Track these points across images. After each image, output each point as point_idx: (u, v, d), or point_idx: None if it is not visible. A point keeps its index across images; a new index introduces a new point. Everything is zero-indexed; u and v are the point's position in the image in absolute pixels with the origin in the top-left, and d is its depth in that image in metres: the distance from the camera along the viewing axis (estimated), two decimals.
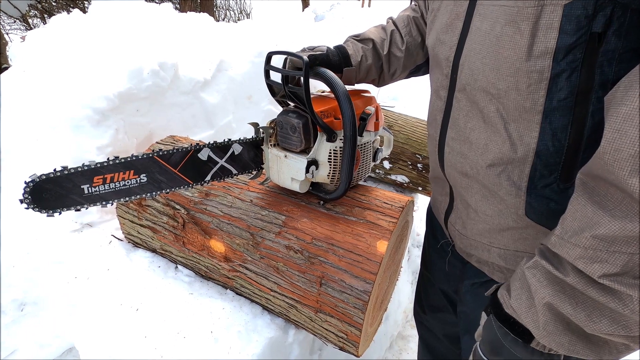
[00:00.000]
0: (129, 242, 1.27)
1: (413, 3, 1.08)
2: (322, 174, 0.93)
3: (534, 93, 0.61)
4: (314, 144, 0.91)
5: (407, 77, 1.10)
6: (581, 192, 0.51)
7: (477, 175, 0.73)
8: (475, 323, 0.89)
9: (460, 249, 0.91)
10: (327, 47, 0.97)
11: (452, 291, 1.08)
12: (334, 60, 0.95)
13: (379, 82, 1.07)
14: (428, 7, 0.97)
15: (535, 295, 0.55)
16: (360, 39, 1.01)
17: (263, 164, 0.99)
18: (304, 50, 0.96)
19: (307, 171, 0.90)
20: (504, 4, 0.61)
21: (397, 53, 1.01)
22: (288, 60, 0.92)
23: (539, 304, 0.54)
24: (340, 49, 0.98)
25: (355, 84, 1.05)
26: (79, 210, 0.72)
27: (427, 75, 1.13)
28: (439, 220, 1.00)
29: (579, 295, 0.50)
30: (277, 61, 0.91)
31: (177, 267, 1.19)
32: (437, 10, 0.80)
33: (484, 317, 0.67)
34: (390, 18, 1.07)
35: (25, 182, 0.65)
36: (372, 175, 2.07)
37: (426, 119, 0.96)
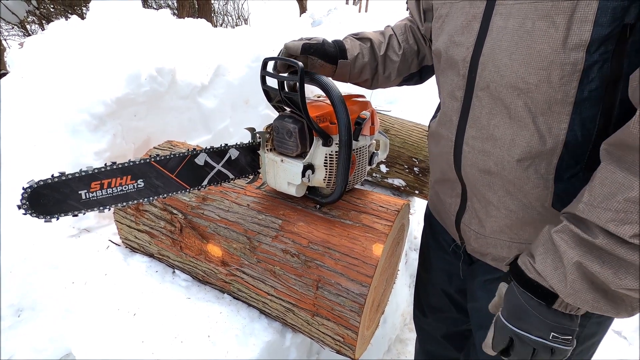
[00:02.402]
0: (126, 247, 1.28)
1: (409, 15, 1.10)
2: (318, 178, 0.94)
3: (566, 85, 0.63)
4: (310, 148, 0.92)
5: (399, 84, 1.11)
6: (609, 161, 0.56)
7: (502, 171, 0.74)
8: (488, 318, 0.92)
9: (473, 249, 0.90)
10: (324, 38, 0.97)
11: (454, 291, 1.09)
12: (329, 51, 0.95)
13: (372, 84, 1.07)
14: (425, 18, 0.98)
15: (563, 256, 0.59)
16: (359, 37, 1.03)
17: (260, 168, 1.00)
18: (300, 39, 0.96)
19: (303, 175, 0.91)
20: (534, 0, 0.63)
21: (393, 57, 1.02)
22: (280, 62, 0.93)
23: (567, 264, 0.58)
24: (337, 42, 0.99)
25: (349, 82, 1.06)
26: (76, 215, 0.73)
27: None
28: (446, 222, 1.00)
29: (606, 255, 0.54)
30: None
31: (174, 271, 1.20)
32: (446, 16, 0.81)
33: (504, 286, 0.70)
34: (389, 25, 1.09)
35: (23, 188, 0.66)
36: (369, 179, 2.09)
37: (428, 123, 0.96)
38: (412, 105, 2.87)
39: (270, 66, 0.92)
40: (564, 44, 0.61)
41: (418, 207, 2.29)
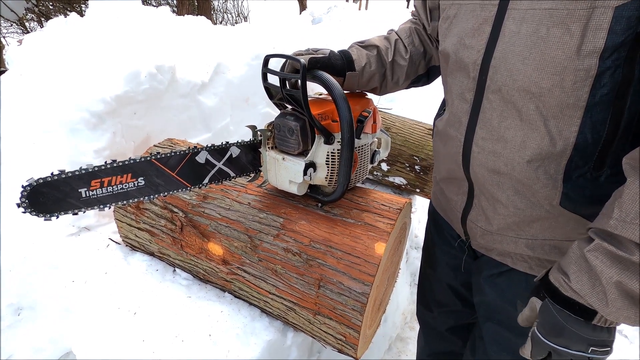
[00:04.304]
0: (126, 245, 1.27)
1: (413, 17, 1.09)
2: (320, 177, 0.93)
3: (578, 90, 0.64)
4: (311, 146, 0.91)
5: (408, 87, 1.11)
6: (636, 177, 0.56)
7: (512, 171, 0.76)
8: (495, 310, 0.94)
9: (479, 244, 0.92)
10: (330, 50, 0.97)
11: (460, 285, 1.10)
12: (336, 64, 0.95)
13: (381, 90, 1.07)
14: (432, 17, 0.98)
15: (601, 276, 0.59)
16: (364, 45, 1.02)
17: (261, 166, 0.99)
18: (307, 50, 0.96)
19: (304, 173, 0.90)
20: (549, 6, 0.64)
21: (400, 62, 1.02)
22: (288, 64, 0.92)
23: (607, 283, 0.58)
24: (344, 53, 0.98)
25: (357, 91, 1.06)
26: (76, 214, 0.72)
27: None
28: (451, 219, 1.02)
29: None
30: (275, 64, 0.91)
31: (175, 270, 1.19)
32: (455, 17, 0.81)
33: (537, 302, 0.70)
34: (392, 30, 1.08)
35: (23, 186, 0.65)
36: (370, 177, 2.08)
37: (429, 121, 0.96)
38: (413, 103, 2.86)
39: (271, 64, 0.91)
40: (578, 51, 0.62)
41: (419, 205, 2.28)
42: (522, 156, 0.73)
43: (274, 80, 0.91)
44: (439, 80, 1.05)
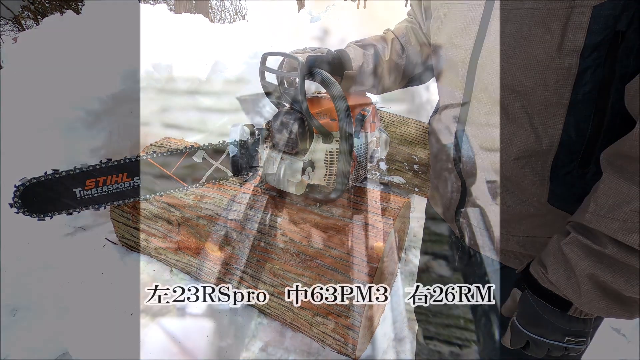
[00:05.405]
0: (123, 245, 1.26)
1: (409, 16, 1.09)
2: (318, 176, 0.93)
3: (561, 88, 0.66)
4: (310, 145, 0.90)
5: (405, 86, 1.12)
6: (611, 172, 0.58)
7: (500, 168, 0.77)
8: (490, 308, 0.94)
9: (471, 242, 0.92)
10: (328, 49, 0.97)
11: (456, 282, 1.10)
12: (333, 63, 0.95)
13: (378, 89, 1.08)
14: (426, 16, 0.98)
15: (575, 268, 0.60)
16: (361, 44, 1.02)
17: (258, 165, 0.98)
18: (305, 49, 0.96)
19: (303, 173, 0.89)
20: (531, 6, 0.65)
21: (397, 61, 1.03)
22: (285, 62, 0.92)
23: (580, 275, 0.60)
24: (341, 52, 0.98)
25: (355, 90, 1.05)
26: (70, 214, 0.71)
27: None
28: (445, 216, 1.02)
29: (617, 264, 0.56)
30: (273, 62, 0.90)
31: (172, 270, 1.18)
32: (445, 17, 0.83)
33: (517, 292, 0.72)
34: (389, 29, 1.08)
35: (15, 186, 0.64)
36: (369, 176, 2.07)
37: (428, 120, 0.97)
38: (411, 102, 2.85)
39: (269, 62, 0.90)
40: (559, 50, 0.64)
41: (417, 205, 2.28)
42: (510, 153, 0.75)
43: (271, 78, 0.90)
44: None
